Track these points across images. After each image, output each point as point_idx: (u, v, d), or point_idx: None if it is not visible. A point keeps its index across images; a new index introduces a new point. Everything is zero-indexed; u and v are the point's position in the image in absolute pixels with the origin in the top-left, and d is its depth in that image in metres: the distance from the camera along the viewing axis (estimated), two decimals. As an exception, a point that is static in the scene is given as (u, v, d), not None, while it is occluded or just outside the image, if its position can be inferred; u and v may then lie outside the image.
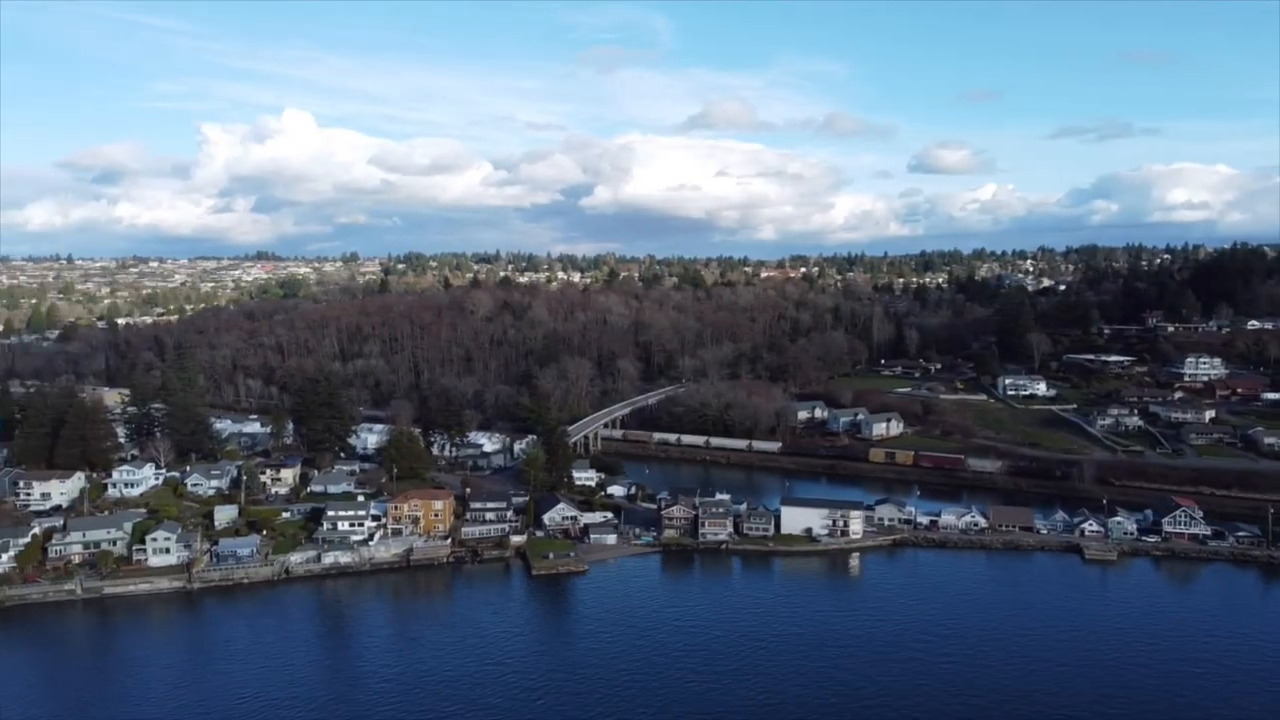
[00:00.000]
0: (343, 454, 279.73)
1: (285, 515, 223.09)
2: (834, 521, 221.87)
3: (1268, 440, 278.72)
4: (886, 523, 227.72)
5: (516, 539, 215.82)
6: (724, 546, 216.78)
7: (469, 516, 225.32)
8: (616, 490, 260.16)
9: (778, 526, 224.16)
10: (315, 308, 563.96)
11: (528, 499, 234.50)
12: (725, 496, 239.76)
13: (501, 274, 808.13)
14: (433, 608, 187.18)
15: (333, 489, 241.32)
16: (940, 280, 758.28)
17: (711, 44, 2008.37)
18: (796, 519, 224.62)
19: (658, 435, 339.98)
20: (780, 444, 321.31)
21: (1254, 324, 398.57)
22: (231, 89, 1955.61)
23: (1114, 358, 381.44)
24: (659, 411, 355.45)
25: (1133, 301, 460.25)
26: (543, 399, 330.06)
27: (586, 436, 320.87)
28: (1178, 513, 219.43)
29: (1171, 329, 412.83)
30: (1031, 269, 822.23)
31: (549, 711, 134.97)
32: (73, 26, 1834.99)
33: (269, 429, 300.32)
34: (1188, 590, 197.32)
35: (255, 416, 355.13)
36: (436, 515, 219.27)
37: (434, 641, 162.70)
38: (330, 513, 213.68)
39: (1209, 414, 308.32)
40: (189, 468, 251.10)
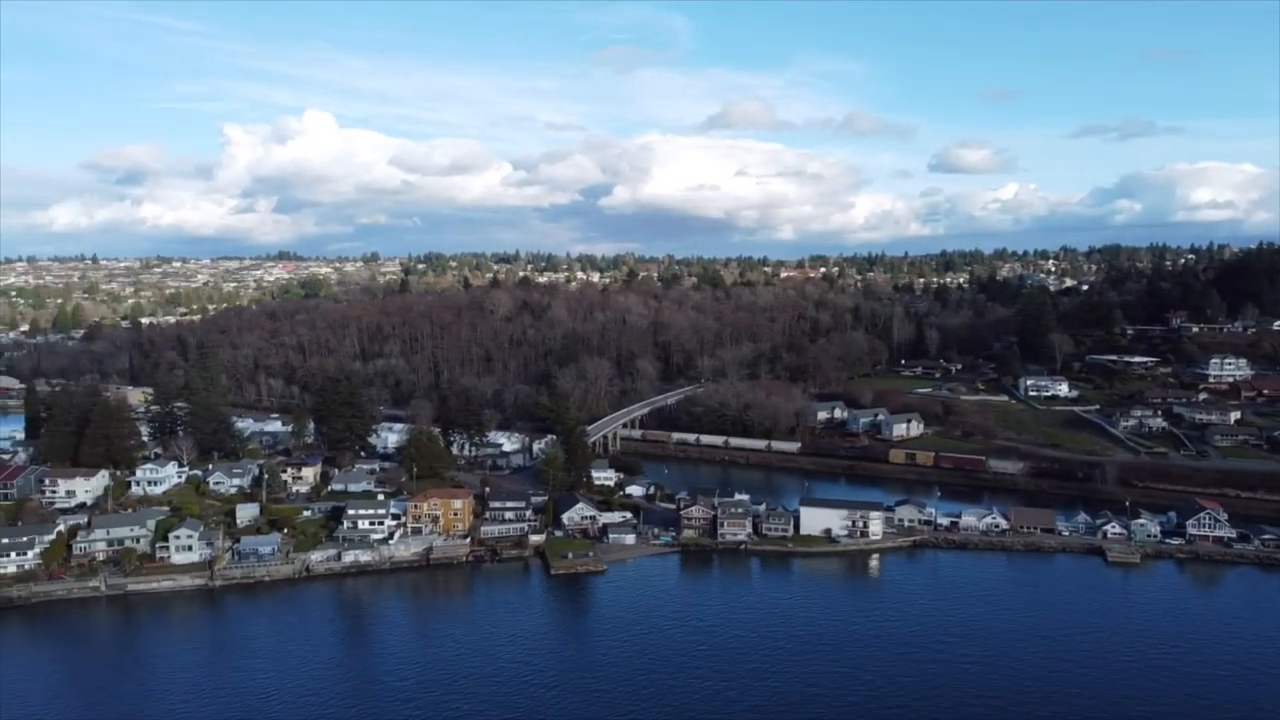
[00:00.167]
0: (363, 453, 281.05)
1: (306, 514, 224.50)
2: (853, 522, 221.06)
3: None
4: (906, 524, 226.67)
5: (535, 538, 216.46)
6: (743, 547, 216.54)
7: (488, 516, 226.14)
8: (635, 490, 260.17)
9: (797, 527, 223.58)
10: (336, 308, 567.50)
11: (547, 498, 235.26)
12: (744, 497, 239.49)
13: (521, 274, 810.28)
14: (452, 606, 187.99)
15: (353, 488, 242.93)
16: (961, 280, 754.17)
17: (730, 44, 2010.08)
18: (816, 520, 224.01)
19: (676, 435, 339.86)
20: (799, 444, 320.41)
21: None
22: (252, 90, 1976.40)
23: (1137, 358, 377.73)
24: (678, 411, 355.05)
25: (1156, 302, 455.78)
26: (562, 399, 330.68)
27: (605, 436, 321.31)
28: (1202, 515, 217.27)
29: (1196, 329, 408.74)
30: (1053, 269, 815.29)
31: (567, 710, 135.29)
32: (96, 29, 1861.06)
33: (290, 428, 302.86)
34: (1212, 593, 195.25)
35: (277, 415, 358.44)
36: (456, 514, 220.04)
37: (453, 640, 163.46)
38: (350, 511, 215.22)
39: (1234, 415, 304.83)
40: (211, 466, 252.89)
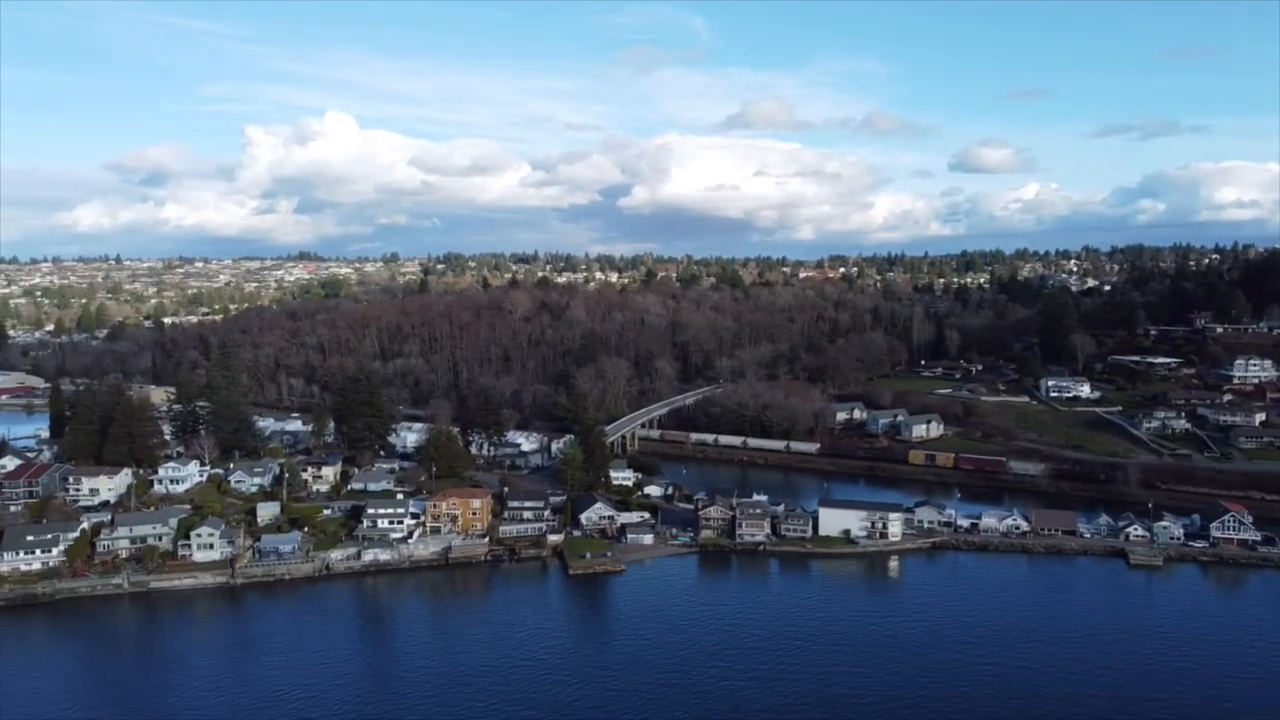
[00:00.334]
0: (383, 452, 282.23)
1: (326, 512, 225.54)
2: (873, 523, 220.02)
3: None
4: (926, 525, 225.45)
5: (554, 538, 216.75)
6: (761, 548, 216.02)
7: (507, 515, 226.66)
8: (654, 490, 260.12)
9: (816, 528, 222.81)
10: (356, 307, 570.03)
11: (565, 498, 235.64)
12: (763, 497, 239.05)
13: (540, 274, 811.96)
14: (470, 605, 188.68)
15: (373, 487, 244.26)
16: (982, 280, 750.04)
17: (750, 43, 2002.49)
18: (835, 521, 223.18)
19: (695, 436, 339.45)
20: (818, 445, 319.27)
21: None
22: (273, 91, 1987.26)
23: (1160, 359, 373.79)
24: (696, 412, 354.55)
25: (1180, 302, 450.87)
26: (580, 399, 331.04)
27: (624, 436, 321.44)
28: (1226, 518, 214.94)
29: (1220, 330, 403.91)
30: (1075, 269, 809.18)
31: (586, 708, 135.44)
32: (118, 32, 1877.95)
33: (310, 427, 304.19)
34: (1236, 596, 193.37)
35: (297, 415, 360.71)
36: (474, 514, 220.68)
37: (471, 638, 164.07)
38: (370, 510, 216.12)
39: (1259, 417, 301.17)
40: (232, 465, 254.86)
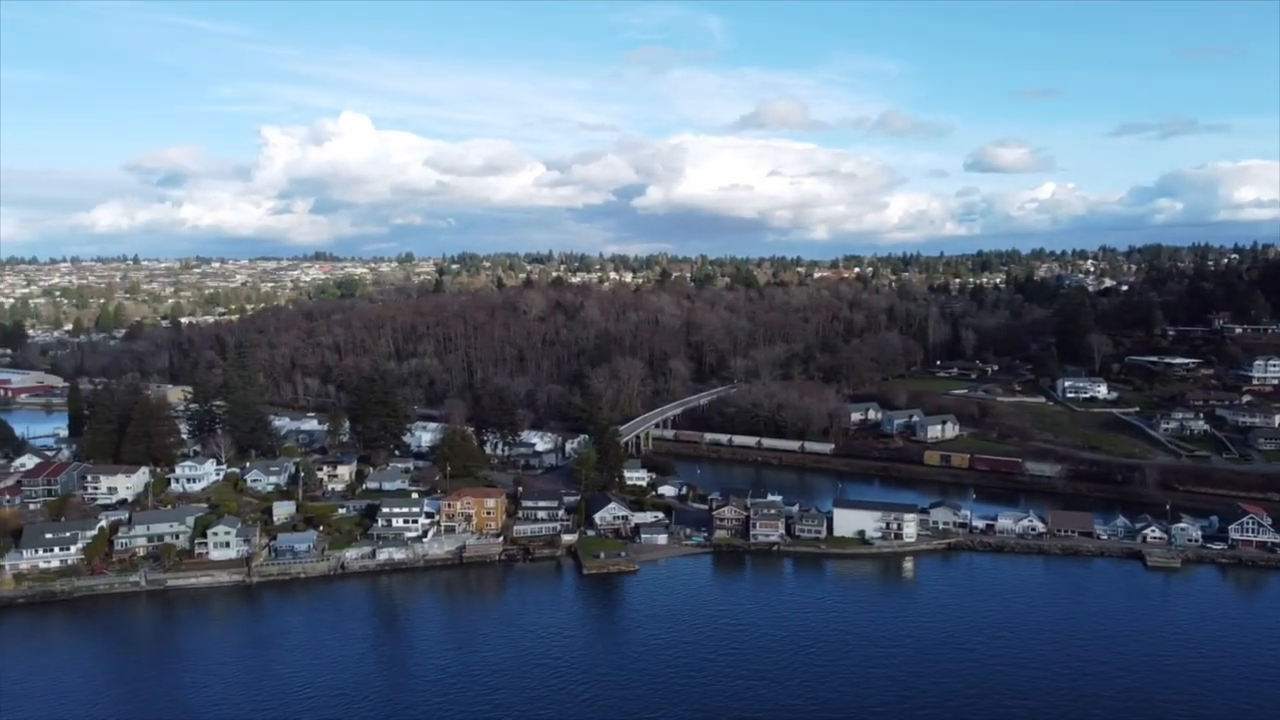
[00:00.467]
0: (397, 452, 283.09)
1: (341, 511, 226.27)
2: (887, 524, 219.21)
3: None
4: (941, 526, 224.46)
5: (568, 538, 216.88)
6: (776, 548, 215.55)
7: (521, 515, 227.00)
8: (668, 490, 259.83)
9: (830, 529, 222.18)
10: (371, 307, 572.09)
11: (579, 498, 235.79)
12: (777, 498, 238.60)
13: (554, 274, 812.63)
14: (485, 604, 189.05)
15: (388, 486, 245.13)
16: (998, 280, 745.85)
17: (765, 43, 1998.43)
18: (849, 521, 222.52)
19: (709, 436, 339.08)
20: (833, 445, 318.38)
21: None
22: (289, 92, 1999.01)
23: (1178, 360, 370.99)
24: (710, 412, 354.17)
25: (1198, 302, 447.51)
26: (594, 399, 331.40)
27: (638, 436, 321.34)
28: (1245, 519, 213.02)
29: (1239, 330, 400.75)
30: (1092, 269, 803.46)
31: (599, 708, 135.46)
32: (137, 34, 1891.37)
33: (326, 427, 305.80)
34: (1255, 599, 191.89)
35: (313, 414, 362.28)
36: (489, 513, 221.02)
37: (485, 637, 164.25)
38: (385, 509, 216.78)
39: (1278, 418, 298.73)
40: (249, 464, 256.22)
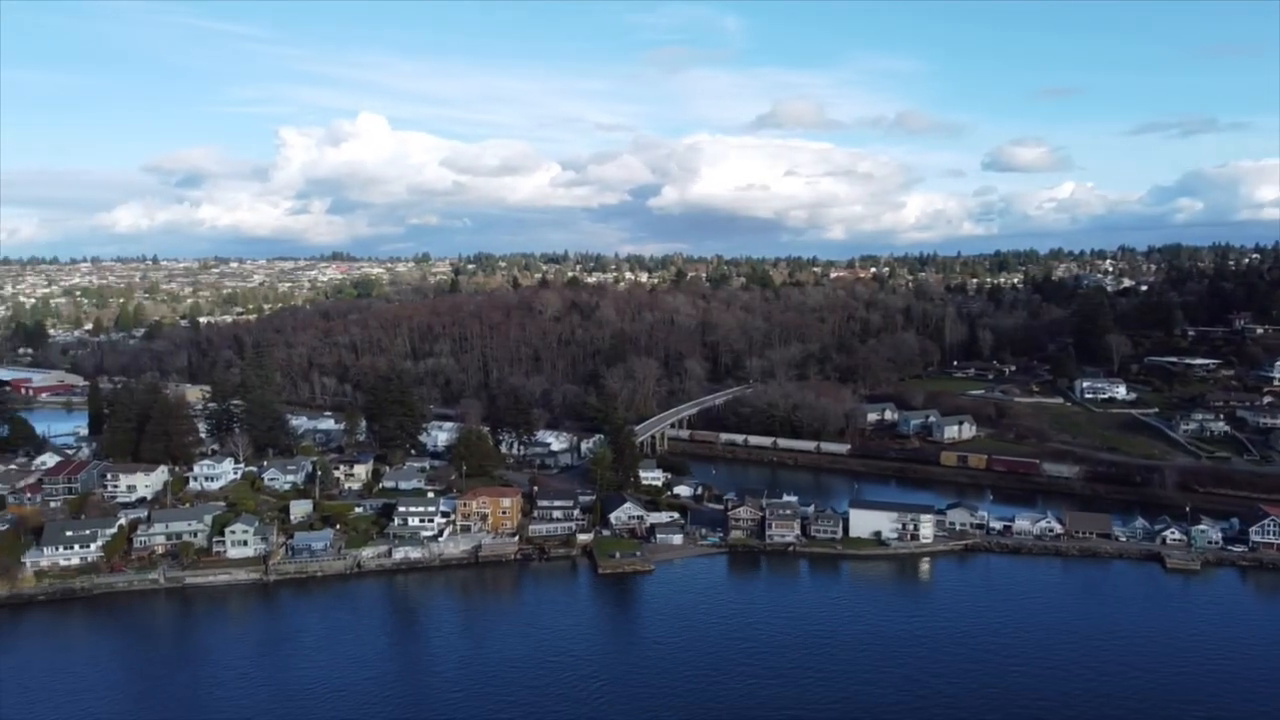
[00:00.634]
0: (414, 451, 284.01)
1: (358, 510, 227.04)
2: (904, 525, 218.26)
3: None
4: (958, 527, 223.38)
5: (583, 537, 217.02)
6: (791, 549, 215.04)
7: (536, 514, 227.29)
8: (683, 490, 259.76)
9: (846, 529, 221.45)
10: (388, 307, 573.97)
11: (594, 498, 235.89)
12: (793, 498, 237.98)
13: (569, 274, 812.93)
14: (500, 604, 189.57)
15: (404, 485, 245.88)
16: (1015, 281, 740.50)
17: (782, 43, 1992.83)
18: (865, 522, 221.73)
19: (724, 436, 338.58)
20: (849, 446, 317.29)
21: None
22: (307, 93, 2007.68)
23: (1198, 360, 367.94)
24: (726, 412, 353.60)
25: (1219, 302, 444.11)
26: (610, 399, 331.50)
27: (653, 436, 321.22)
28: (1266, 521, 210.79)
29: (1260, 331, 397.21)
30: (1111, 269, 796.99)
31: (614, 707, 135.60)
32: (156, 34, 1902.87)
33: (343, 426, 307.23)
34: (1276, 602, 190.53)
35: (330, 413, 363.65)
36: (504, 512, 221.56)
37: (501, 636, 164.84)
38: (401, 509, 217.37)
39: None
40: (266, 463, 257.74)
